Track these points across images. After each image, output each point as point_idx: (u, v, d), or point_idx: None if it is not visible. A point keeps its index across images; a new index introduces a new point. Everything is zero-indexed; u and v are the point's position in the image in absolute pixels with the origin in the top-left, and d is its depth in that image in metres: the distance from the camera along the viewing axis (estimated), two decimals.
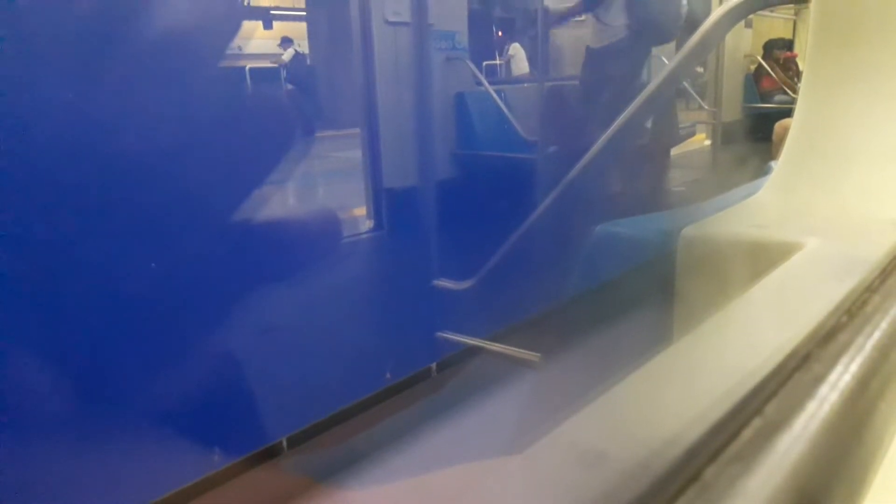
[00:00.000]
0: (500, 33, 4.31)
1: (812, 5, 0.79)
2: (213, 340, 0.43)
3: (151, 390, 0.42)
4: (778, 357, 0.34)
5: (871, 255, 0.51)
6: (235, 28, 0.39)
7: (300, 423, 2.35)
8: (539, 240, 2.32)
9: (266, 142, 0.40)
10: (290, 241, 0.45)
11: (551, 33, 4.88)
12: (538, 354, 2.06)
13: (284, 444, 2.31)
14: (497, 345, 2.47)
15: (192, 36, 0.36)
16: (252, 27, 11.20)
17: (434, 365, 2.87)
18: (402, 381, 2.75)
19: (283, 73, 9.12)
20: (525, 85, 3.55)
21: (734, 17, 1.50)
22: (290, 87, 9.02)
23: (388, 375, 2.70)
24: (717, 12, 1.50)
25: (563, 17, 3.81)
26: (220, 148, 0.39)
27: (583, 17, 5.03)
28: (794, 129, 0.83)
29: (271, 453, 2.21)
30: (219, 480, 1.89)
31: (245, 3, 10.02)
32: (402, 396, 2.73)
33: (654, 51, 4.47)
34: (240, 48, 10.71)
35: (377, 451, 2.10)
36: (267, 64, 9.34)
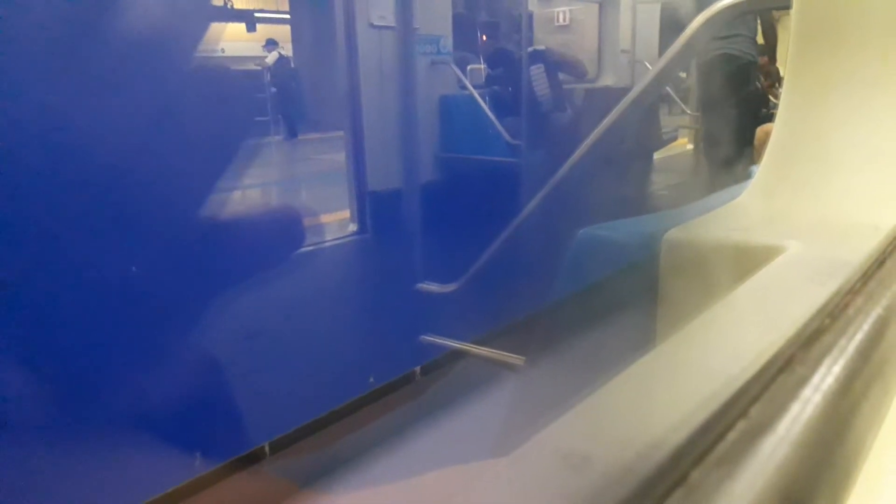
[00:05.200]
0: (484, 38, 4.36)
1: (794, 12, 0.80)
2: (196, 344, 0.42)
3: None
4: (761, 360, 0.34)
5: (853, 258, 0.51)
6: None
7: (281, 429, 2.34)
8: (521, 243, 2.33)
9: (249, 143, 0.40)
10: (273, 242, 0.44)
11: (536, 38, 4.91)
12: (522, 357, 2.06)
13: (267, 449, 2.29)
14: (481, 348, 2.47)
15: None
16: (236, 29, 11.15)
17: (418, 369, 2.86)
18: (386, 385, 2.75)
19: (267, 76, 9.07)
20: (509, 89, 3.56)
21: (716, 23, 1.52)
22: (273, 89, 8.98)
23: (371, 379, 2.70)
24: (698, 18, 1.52)
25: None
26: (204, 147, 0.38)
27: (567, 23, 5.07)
28: (776, 134, 0.84)
29: (252, 459, 2.19)
30: (200, 486, 1.87)
31: (230, 5, 9.96)
32: (386, 400, 2.72)
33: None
34: (223, 50, 10.65)
35: (360, 456, 2.09)
36: (250, 66, 9.29)
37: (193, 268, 0.41)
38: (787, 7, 0.82)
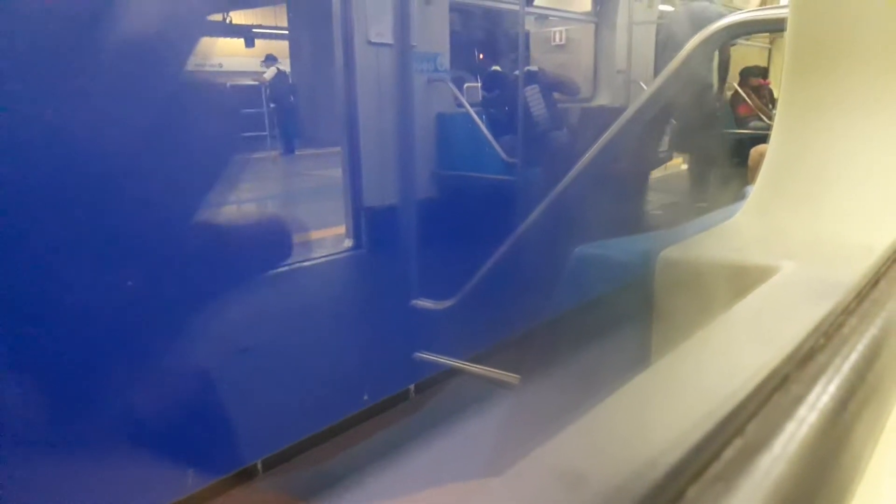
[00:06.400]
0: (481, 56, 4.40)
1: (788, 34, 0.81)
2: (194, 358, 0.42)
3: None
4: (757, 378, 0.34)
5: (847, 278, 0.51)
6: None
7: (274, 446, 2.32)
8: (517, 260, 2.33)
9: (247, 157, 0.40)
10: (269, 256, 0.44)
11: (532, 58, 4.95)
12: (516, 376, 2.06)
13: (259, 466, 2.27)
14: (476, 366, 2.46)
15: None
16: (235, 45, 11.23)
17: (412, 386, 2.85)
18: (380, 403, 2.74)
19: (265, 91, 9.11)
20: (506, 107, 3.58)
21: (711, 45, 1.53)
22: (272, 105, 9.02)
23: (365, 397, 2.68)
24: (693, 40, 1.54)
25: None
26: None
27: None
28: (770, 155, 0.84)
29: (245, 476, 2.17)
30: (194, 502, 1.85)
31: (228, 21, 10.03)
32: (380, 418, 2.71)
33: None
34: (220, 65, 10.70)
35: (354, 474, 2.07)
36: (248, 81, 9.33)
37: (183, 281, 0.41)
38: (782, 29, 0.83)
